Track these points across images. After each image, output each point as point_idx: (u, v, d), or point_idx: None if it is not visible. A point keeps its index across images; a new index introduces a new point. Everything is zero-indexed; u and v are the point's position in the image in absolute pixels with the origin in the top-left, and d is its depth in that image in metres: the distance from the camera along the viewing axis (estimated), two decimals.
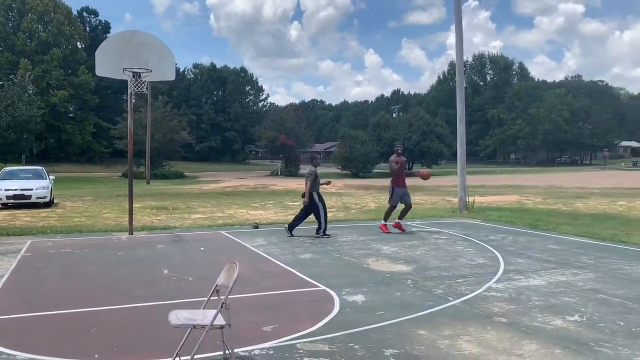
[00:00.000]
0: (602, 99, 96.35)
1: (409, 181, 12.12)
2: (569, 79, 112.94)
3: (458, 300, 5.95)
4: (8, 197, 16.52)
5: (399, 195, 11.50)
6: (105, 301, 5.92)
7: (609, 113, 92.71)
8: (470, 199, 16.38)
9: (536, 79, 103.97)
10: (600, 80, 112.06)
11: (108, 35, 62.02)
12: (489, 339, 4.65)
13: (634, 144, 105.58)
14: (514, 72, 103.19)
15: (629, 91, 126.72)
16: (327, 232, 10.77)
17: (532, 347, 4.47)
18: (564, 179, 39.90)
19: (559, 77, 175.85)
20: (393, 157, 11.61)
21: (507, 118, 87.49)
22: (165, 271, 7.43)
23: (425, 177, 12.40)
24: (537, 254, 8.89)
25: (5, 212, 15.43)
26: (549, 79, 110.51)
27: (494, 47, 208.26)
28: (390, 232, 11.22)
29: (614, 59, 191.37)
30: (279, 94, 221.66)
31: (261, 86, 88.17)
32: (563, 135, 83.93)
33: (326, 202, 11.33)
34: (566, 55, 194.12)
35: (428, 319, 5.26)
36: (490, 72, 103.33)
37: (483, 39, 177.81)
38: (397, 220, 11.64)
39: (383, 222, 11.58)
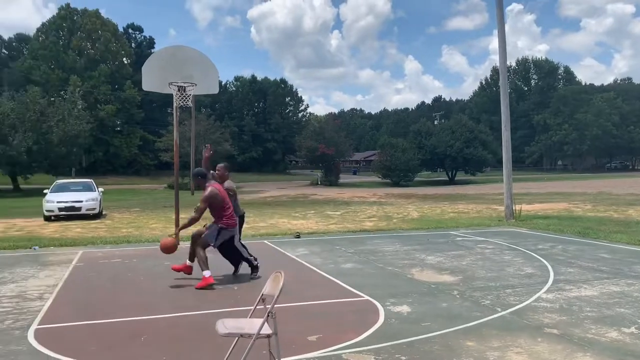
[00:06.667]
0: None
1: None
2: (619, 82, 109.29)
3: (507, 311, 5.80)
4: (60, 209, 17.17)
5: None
6: (155, 310, 6.05)
7: None
8: (517, 207, 16.00)
9: (583, 83, 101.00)
10: None
11: (153, 50, 63.96)
12: (540, 351, 4.51)
13: None
14: (559, 77, 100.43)
15: None
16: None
17: (587, 359, 4.31)
18: (614, 185, 38.42)
19: (608, 80, 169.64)
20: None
21: (553, 123, 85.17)
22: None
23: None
24: (588, 263, 8.59)
25: (57, 224, 16.00)
26: (597, 83, 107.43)
27: (539, 50, 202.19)
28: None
29: None
30: (319, 104, 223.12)
31: (301, 97, 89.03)
32: (612, 140, 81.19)
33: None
34: (615, 57, 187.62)
35: (476, 330, 5.14)
36: (534, 76, 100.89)
37: (528, 42, 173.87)
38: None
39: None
